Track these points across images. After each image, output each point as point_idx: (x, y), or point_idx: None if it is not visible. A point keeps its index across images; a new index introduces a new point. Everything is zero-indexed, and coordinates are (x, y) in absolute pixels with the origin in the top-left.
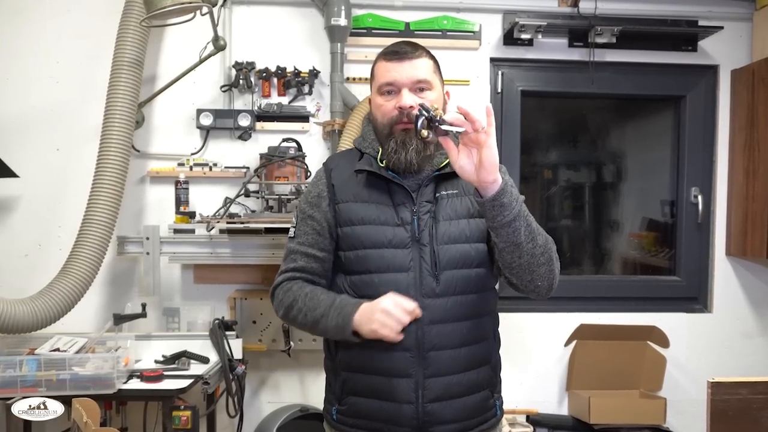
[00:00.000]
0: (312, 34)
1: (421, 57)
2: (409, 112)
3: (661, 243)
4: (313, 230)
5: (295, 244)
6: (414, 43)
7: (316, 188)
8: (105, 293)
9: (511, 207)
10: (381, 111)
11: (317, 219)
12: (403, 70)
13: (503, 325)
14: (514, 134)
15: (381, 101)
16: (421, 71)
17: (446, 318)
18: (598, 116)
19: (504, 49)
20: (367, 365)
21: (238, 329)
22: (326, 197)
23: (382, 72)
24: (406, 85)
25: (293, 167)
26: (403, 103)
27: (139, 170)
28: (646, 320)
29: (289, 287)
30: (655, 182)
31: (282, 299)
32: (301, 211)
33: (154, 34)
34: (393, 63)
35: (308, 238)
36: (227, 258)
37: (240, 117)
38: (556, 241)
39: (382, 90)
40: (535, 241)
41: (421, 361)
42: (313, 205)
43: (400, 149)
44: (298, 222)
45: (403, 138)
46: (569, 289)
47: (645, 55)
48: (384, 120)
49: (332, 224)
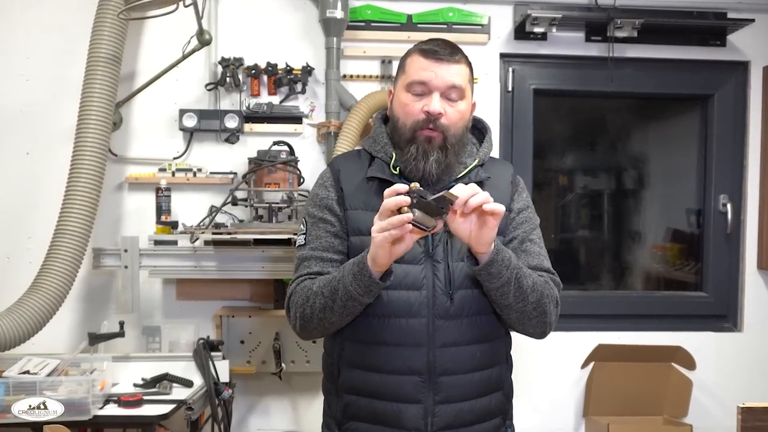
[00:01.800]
0: (305, 27)
1: (460, 63)
2: (436, 119)
3: (686, 255)
4: (327, 233)
5: (307, 250)
6: (454, 45)
7: (324, 191)
8: (79, 310)
9: (500, 276)
10: (405, 110)
11: (330, 221)
12: (440, 72)
13: (514, 347)
14: (526, 137)
15: (407, 99)
16: (457, 78)
17: (460, 340)
18: (618, 117)
19: (515, 44)
20: (372, 389)
21: (225, 350)
22: (336, 200)
23: (415, 68)
24: (439, 88)
25: (285, 173)
26: (432, 109)
27: (117, 176)
28: (671, 340)
29: (302, 287)
30: (680, 189)
31: (296, 302)
32: (310, 216)
33: (133, 28)
34: (429, 61)
35: (322, 242)
36: (213, 272)
37: (227, 118)
38: (571, 254)
39: (411, 88)
40: (525, 300)
41: (432, 386)
42: (324, 208)
43: (420, 157)
44: (308, 227)
45: (426, 147)
46: (586, 306)
47: (669, 50)
48: (407, 121)
49: (345, 229)
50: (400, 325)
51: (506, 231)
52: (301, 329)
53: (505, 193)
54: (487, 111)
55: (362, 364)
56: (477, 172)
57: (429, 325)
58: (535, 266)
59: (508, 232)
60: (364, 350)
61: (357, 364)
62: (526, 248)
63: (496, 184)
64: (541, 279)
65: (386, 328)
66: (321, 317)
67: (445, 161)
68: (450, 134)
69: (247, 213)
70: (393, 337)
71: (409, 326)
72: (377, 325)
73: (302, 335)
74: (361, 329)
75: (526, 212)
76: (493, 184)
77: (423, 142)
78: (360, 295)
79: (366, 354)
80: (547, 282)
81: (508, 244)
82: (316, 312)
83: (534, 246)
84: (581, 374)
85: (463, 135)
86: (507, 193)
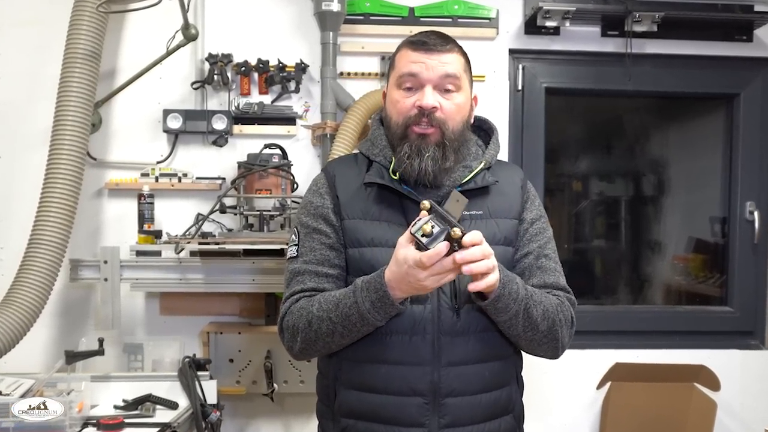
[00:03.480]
0: (299, 21)
1: (452, 51)
2: (430, 113)
3: (710, 267)
4: (322, 245)
5: (299, 263)
6: (445, 35)
7: (318, 198)
8: (55, 326)
9: (507, 310)
10: (397, 108)
11: (325, 232)
12: (431, 62)
13: (525, 366)
14: (537, 139)
15: (398, 96)
16: (451, 66)
17: (467, 359)
18: (637, 118)
19: (525, 39)
20: (372, 411)
21: (213, 369)
22: (332, 209)
23: (404, 62)
24: (431, 81)
25: (277, 178)
26: (424, 103)
27: (96, 182)
28: (693, 358)
29: (300, 307)
30: (704, 196)
31: (294, 324)
32: (303, 226)
33: (113, 22)
34: (419, 53)
35: (316, 255)
36: (199, 285)
37: (214, 119)
38: (586, 265)
39: (401, 82)
40: (536, 329)
41: (437, 409)
42: (318, 217)
43: (414, 155)
44: (300, 238)
45: (419, 144)
46: (602, 322)
47: (691, 46)
48: (399, 119)
49: (342, 240)
50: (402, 342)
51: (518, 243)
52: (301, 352)
53: (514, 200)
54: (495, 111)
55: (361, 384)
56: (483, 176)
57: (433, 342)
58: (551, 284)
59: (521, 245)
60: (362, 370)
61: (355, 384)
62: (542, 265)
63: (503, 190)
64: (553, 302)
65: (387, 345)
66: (328, 341)
67: (442, 159)
68: (447, 129)
69: (237, 221)
70: (394, 355)
71: (411, 343)
72: (377, 342)
73: (299, 357)
74: (359, 347)
75: (539, 223)
76: (501, 189)
77: (416, 139)
78: (379, 321)
79: (365, 374)
80: (561, 303)
81: (523, 259)
82: (322, 336)
83: (549, 262)
84: (597, 395)
85: (462, 130)
86: (516, 199)
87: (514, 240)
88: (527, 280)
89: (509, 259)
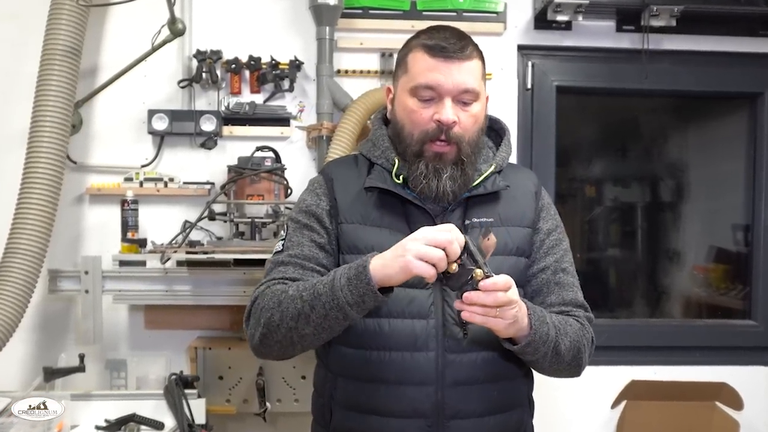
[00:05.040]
0: (293, 15)
1: (471, 58)
2: (448, 130)
3: (732, 278)
4: (311, 242)
5: (284, 256)
6: (462, 34)
7: (313, 197)
8: (33, 341)
9: (536, 352)
10: (412, 118)
11: (316, 230)
12: (450, 73)
13: (535, 383)
14: (548, 141)
15: (414, 105)
16: (470, 78)
17: (473, 378)
18: (654, 119)
19: (535, 35)
20: None
21: (201, 386)
22: (328, 211)
23: (420, 68)
24: (451, 93)
25: (270, 183)
26: (445, 118)
27: (76, 187)
28: (714, 375)
29: (274, 290)
30: (726, 202)
31: (263, 306)
32: (293, 221)
33: (95, 16)
34: (438, 61)
35: (304, 250)
36: (187, 297)
37: (203, 120)
38: (600, 276)
39: (418, 92)
40: (561, 362)
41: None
42: (311, 215)
43: (431, 176)
44: (288, 233)
45: (436, 163)
46: (617, 336)
47: (713, 41)
48: (415, 131)
49: (335, 245)
50: (404, 359)
51: (533, 254)
52: (261, 341)
53: (527, 207)
54: (502, 111)
55: (358, 405)
56: (494, 180)
57: (438, 360)
58: (569, 301)
59: (537, 258)
60: (360, 389)
61: (352, 405)
62: (560, 280)
63: (515, 195)
64: (576, 327)
65: (387, 363)
66: (291, 326)
67: (461, 177)
68: (464, 144)
69: (227, 229)
70: (395, 373)
71: (414, 361)
72: (376, 359)
73: (259, 349)
74: (356, 364)
75: (555, 233)
76: (513, 194)
77: (433, 158)
78: (349, 304)
79: (363, 393)
80: (583, 327)
81: (539, 274)
82: (286, 319)
83: (567, 276)
84: (611, 415)
85: (478, 141)
86: (530, 206)
87: (527, 250)
88: (545, 297)
89: (521, 270)
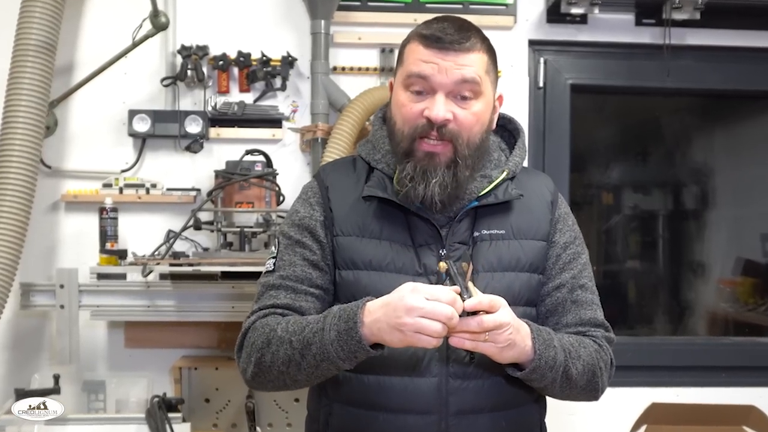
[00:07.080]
0: (286, 8)
1: (473, 50)
2: (441, 126)
3: (761, 292)
4: (304, 260)
5: (275, 278)
6: (465, 25)
7: (306, 208)
8: (3, 361)
9: (543, 379)
10: (402, 112)
11: (309, 246)
12: (445, 63)
13: (548, 407)
14: (562, 144)
15: (405, 98)
16: (469, 69)
17: (480, 406)
18: (677, 120)
19: (548, 29)
20: None
21: (186, 410)
22: (322, 222)
23: (414, 58)
24: (444, 86)
25: (260, 189)
26: (434, 115)
27: (51, 193)
28: (742, 398)
29: (264, 324)
30: (754, 210)
31: (254, 342)
32: (285, 236)
33: (71, 9)
34: (431, 51)
35: (296, 271)
36: (170, 313)
37: (188, 121)
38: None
39: (409, 83)
40: (574, 387)
41: None
42: (303, 229)
43: (418, 179)
44: (279, 250)
45: (426, 165)
46: (637, 355)
47: (738, 36)
48: (404, 127)
49: (330, 260)
50: (405, 385)
51: (548, 270)
52: (253, 378)
53: (542, 218)
54: (513, 112)
55: (377, 355)
56: (506, 188)
57: (441, 386)
58: (587, 321)
59: (552, 274)
60: (357, 417)
61: None
62: (577, 298)
63: (530, 205)
64: (591, 350)
65: (386, 389)
66: (282, 371)
67: (453, 182)
68: (461, 144)
69: (214, 239)
70: (395, 401)
71: (415, 387)
72: (375, 385)
73: (252, 385)
74: (353, 390)
75: (573, 246)
76: (527, 203)
77: (422, 158)
78: (340, 359)
79: (360, 422)
80: (600, 348)
81: (554, 292)
82: (277, 363)
83: (586, 293)
84: None
85: (481, 143)
86: (545, 217)
87: (541, 265)
88: (560, 317)
89: (534, 287)
